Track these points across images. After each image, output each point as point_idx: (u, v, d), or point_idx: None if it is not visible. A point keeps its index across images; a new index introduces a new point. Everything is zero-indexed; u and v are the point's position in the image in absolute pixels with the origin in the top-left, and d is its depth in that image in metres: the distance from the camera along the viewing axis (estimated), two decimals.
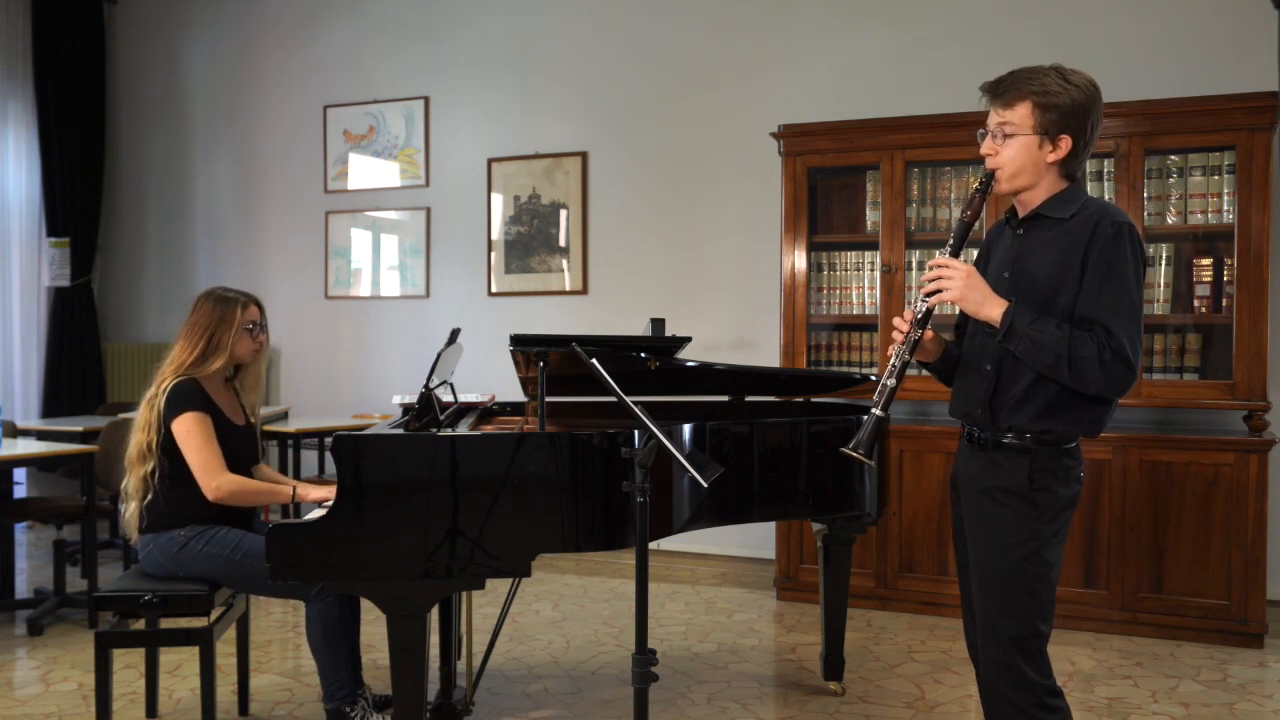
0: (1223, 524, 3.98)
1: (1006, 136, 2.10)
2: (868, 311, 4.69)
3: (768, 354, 5.16)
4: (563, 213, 5.79)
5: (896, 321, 2.20)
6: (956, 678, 3.62)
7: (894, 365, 2.15)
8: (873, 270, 4.67)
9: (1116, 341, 1.99)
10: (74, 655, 3.84)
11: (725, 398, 3.64)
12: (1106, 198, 4.17)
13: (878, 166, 4.58)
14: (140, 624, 2.94)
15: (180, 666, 3.70)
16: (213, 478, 2.93)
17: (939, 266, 2.12)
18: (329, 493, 2.93)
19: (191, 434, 2.94)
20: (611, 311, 5.65)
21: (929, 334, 2.21)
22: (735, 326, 5.40)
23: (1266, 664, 3.79)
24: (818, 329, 4.83)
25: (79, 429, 4.98)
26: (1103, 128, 2.12)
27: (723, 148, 5.43)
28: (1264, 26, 4.45)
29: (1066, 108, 2.05)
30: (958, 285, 2.09)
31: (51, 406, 6.57)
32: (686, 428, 2.84)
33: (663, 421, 2.42)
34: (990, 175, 2.14)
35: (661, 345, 3.09)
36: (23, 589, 4.77)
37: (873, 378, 3.46)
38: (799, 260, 4.68)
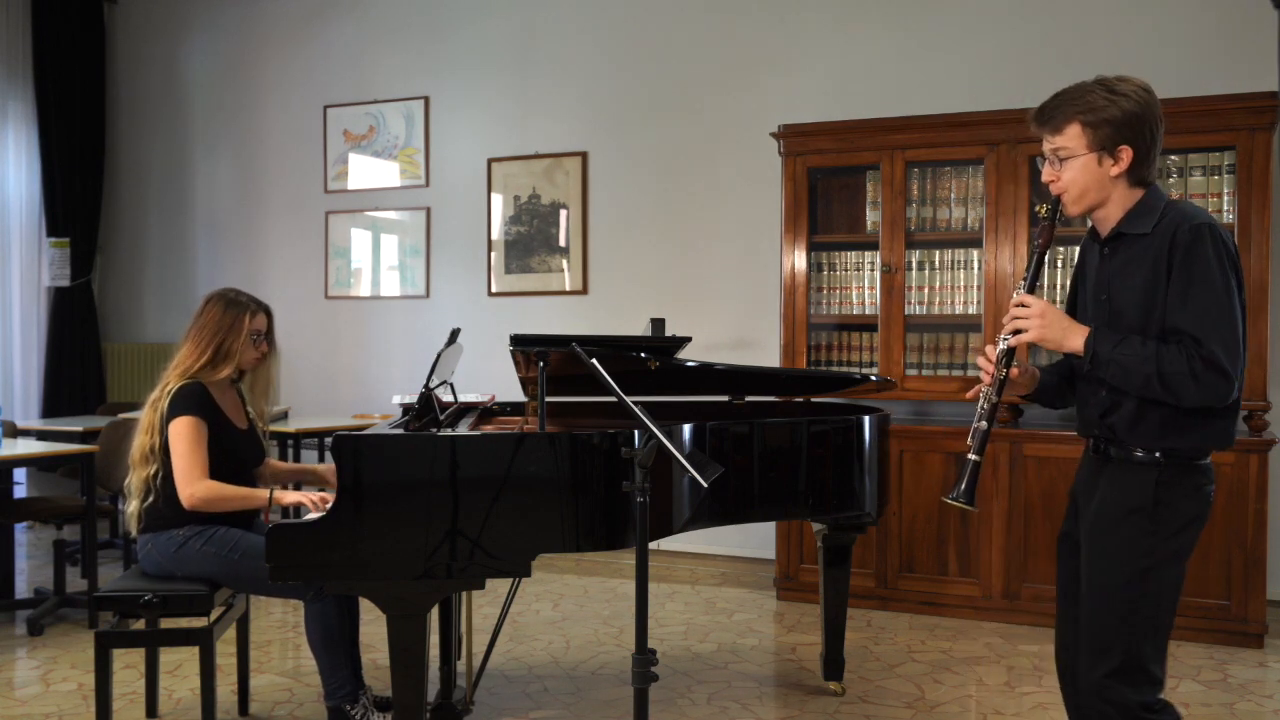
0: (1222, 524, 3.98)
1: (1063, 160, 2.06)
2: (868, 311, 4.69)
3: (768, 354, 5.16)
4: (563, 213, 5.79)
5: (982, 362, 2.16)
6: (956, 678, 3.62)
7: (983, 408, 2.10)
8: (873, 270, 4.67)
9: (1207, 350, 1.91)
10: (74, 655, 3.84)
11: (725, 398, 3.64)
12: None
13: (878, 166, 4.58)
14: (140, 624, 2.94)
15: (180, 666, 3.70)
16: (188, 484, 2.90)
17: (1017, 306, 2.08)
18: (303, 497, 2.94)
19: (180, 437, 2.93)
20: (611, 311, 5.65)
21: (1015, 371, 2.16)
22: (735, 326, 5.40)
23: (1266, 664, 3.80)
24: (818, 329, 4.83)
25: (79, 429, 4.97)
26: None
27: (723, 148, 5.43)
28: (1264, 26, 4.45)
29: (1118, 120, 2.00)
30: (1035, 326, 2.05)
31: (51, 406, 6.57)
32: (686, 428, 2.84)
33: (663, 421, 2.42)
34: (1057, 200, 2.11)
35: (661, 345, 3.09)
36: (23, 589, 4.77)
37: (873, 377, 3.46)
38: (799, 260, 4.68)
